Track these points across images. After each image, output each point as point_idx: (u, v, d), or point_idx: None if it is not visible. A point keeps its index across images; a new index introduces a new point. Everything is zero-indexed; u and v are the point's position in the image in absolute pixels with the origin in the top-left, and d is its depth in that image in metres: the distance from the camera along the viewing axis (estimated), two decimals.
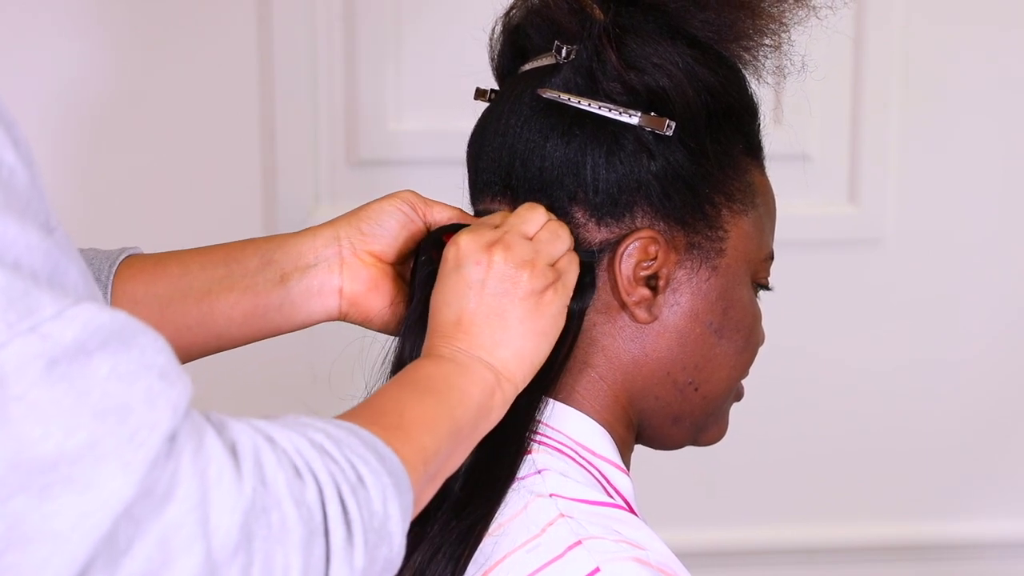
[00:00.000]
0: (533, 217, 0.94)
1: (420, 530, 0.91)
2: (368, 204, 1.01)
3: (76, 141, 1.88)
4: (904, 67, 1.95)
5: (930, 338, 2.02)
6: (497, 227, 0.94)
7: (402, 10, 1.89)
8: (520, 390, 0.91)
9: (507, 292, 0.91)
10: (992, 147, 1.98)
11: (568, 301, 0.93)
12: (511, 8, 1.01)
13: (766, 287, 1.02)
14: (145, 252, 1.07)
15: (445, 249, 0.94)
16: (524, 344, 0.90)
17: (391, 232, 1.00)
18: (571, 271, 0.94)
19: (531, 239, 0.93)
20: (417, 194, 1.02)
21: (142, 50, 1.87)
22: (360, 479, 0.74)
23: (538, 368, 0.92)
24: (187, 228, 1.91)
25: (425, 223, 1.01)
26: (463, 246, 0.92)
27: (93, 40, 1.86)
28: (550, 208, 0.96)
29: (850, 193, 1.98)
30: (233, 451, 0.70)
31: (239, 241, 1.04)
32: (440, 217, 1.00)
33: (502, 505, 0.92)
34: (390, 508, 0.75)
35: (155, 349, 0.69)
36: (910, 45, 1.95)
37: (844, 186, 1.97)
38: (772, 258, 1.02)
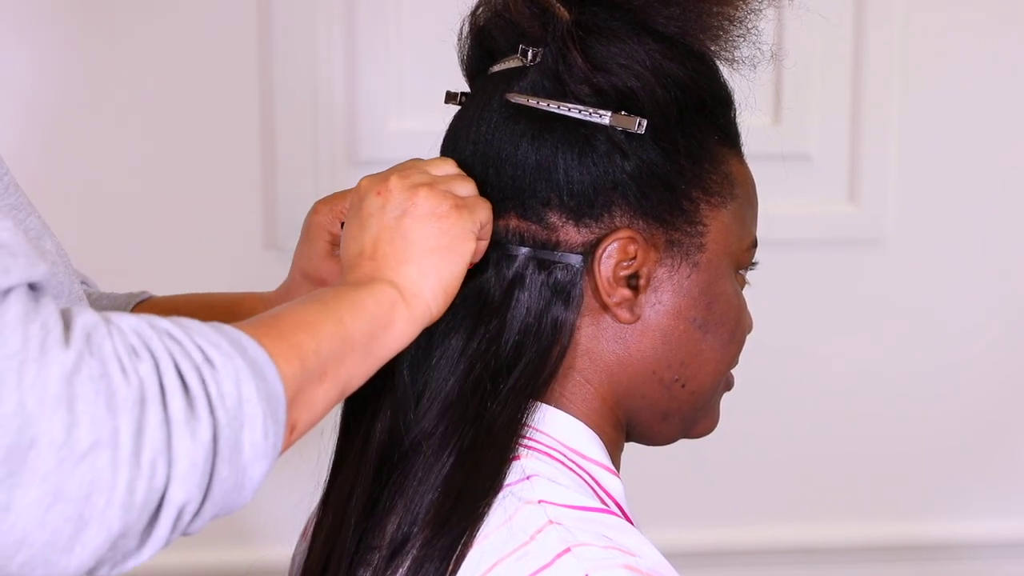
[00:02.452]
0: (439, 163, 0.95)
1: (401, 548, 0.91)
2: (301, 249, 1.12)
3: (77, 141, 1.88)
4: (904, 67, 1.95)
5: (930, 338, 2.02)
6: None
7: (402, 10, 1.89)
8: (435, 310, 0.91)
9: (407, 212, 0.91)
10: (992, 147, 1.98)
11: (476, 228, 0.93)
12: (477, 8, 1.00)
13: (751, 266, 1.01)
14: (156, 295, 1.18)
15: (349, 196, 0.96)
16: (428, 260, 0.90)
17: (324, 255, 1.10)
18: (481, 206, 0.93)
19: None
20: (324, 204, 1.10)
21: (143, 50, 1.87)
22: (207, 359, 0.73)
23: (451, 289, 0.91)
24: (188, 228, 1.92)
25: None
26: (361, 186, 0.94)
27: (94, 40, 1.86)
28: (524, 215, 0.95)
29: (850, 193, 1.98)
30: (67, 322, 0.70)
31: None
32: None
33: (489, 514, 0.90)
34: (244, 389, 0.74)
35: (6, 229, 0.70)
36: (910, 45, 1.94)
37: (844, 186, 1.97)
38: (755, 245, 1.00)
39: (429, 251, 0.90)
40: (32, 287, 0.71)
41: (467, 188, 0.94)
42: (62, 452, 0.68)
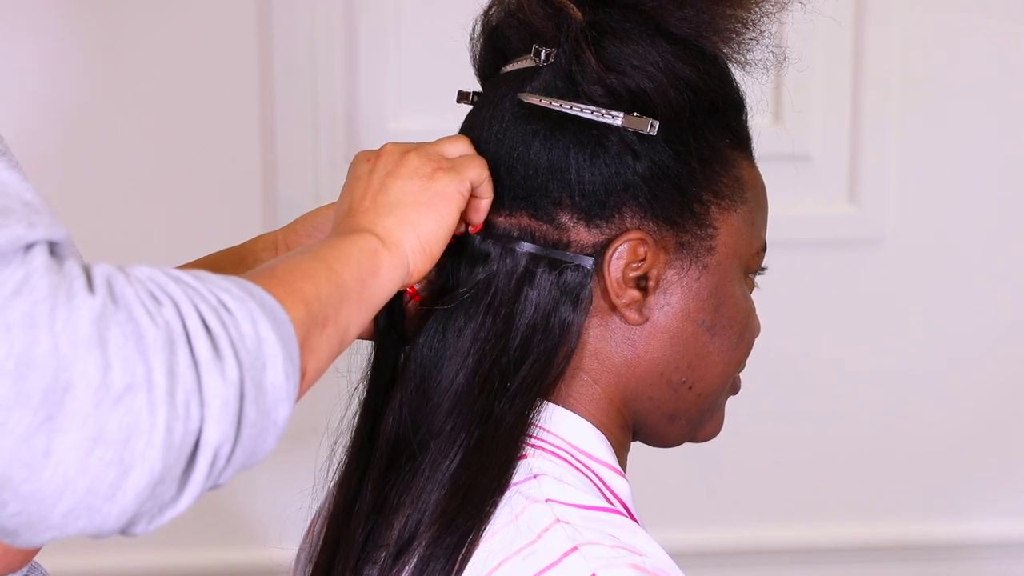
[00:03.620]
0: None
1: (408, 546, 0.91)
2: (314, 209, 1.08)
3: (78, 141, 1.88)
4: (904, 67, 1.95)
5: (930, 338, 2.02)
6: None
7: (402, 10, 1.89)
8: (413, 265, 0.91)
9: (391, 172, 0.92)
10: (992, 147, 1.98)
11: (463, 188, 0.93)
12: (490, 7, 1.00)
13: (760, 271, 1.01)
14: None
15: None
16: (407, 213, 0.91)
17: (325, 233, 1.04)
18: (470, 164, 0.94)
19: None
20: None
21: (143, 50, 1.87)
22: (222, 303, 0.74)
23: (431, 247, 0.91)
24: (188, 228, 1.92)
25: None
26: (355, 158, 0.95)
27: (94, 40, 1.86)
28: (535, 215, 0.95)
29: (850, 193, 1.98)
30: (87, 273, 0.71)
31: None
32: None
33: (495, 512, 0.91)
34: (261, 330, 0.74)
35: (29, 190, 0.71)
36: (911, 45, 1.95)
37: (844, 186, 1.97)
38: (765, 249, 1.01)
39: (408, 205, 0.91)
40: (52, 250, 0.72)
41: (458, 148, 0.95)
42: (99, 394, 0.68)
